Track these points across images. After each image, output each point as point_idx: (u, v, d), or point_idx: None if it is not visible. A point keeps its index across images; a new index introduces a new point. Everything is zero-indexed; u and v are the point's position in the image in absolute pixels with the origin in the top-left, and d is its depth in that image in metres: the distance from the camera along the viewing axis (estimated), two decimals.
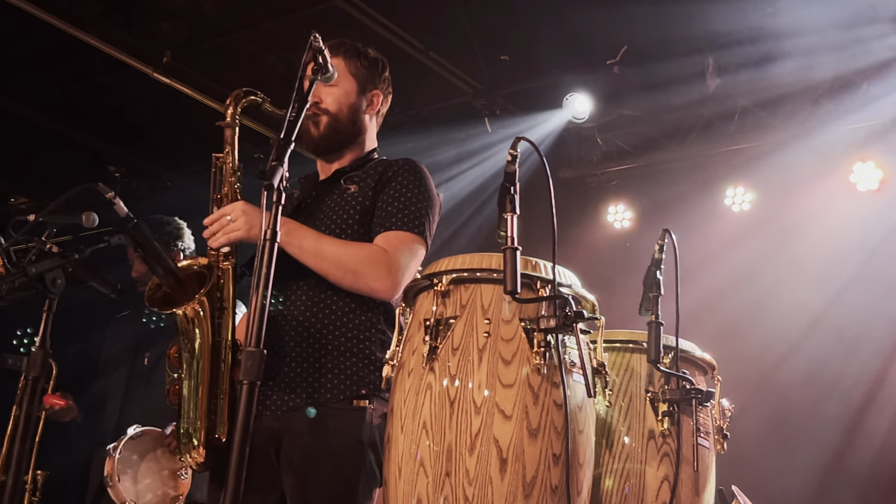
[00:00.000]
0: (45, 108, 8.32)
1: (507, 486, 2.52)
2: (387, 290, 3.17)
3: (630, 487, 3.10)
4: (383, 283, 3.16)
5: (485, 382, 2.58)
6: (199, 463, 3.13)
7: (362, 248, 3.22)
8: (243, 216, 3.11)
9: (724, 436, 3.35)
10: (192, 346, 3.10)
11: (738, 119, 7.90)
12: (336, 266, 3.17)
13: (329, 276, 3.19)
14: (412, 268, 3.24)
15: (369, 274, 3.16)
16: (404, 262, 3.21)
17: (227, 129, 3.27)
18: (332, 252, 3.18)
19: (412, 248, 3.25)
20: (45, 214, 3.33)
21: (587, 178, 8.93)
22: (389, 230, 3.25)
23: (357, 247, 3.22)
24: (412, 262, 3.24)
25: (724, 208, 8.12)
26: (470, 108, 8.26)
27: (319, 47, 3.01)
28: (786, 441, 7.25)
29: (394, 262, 3.18)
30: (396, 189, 3.32)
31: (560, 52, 7.51)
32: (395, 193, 3.31)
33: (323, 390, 3.16)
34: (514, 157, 2.66)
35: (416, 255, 3.26)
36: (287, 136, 2.78)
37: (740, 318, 7.58)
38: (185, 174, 9.04)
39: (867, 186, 7.50)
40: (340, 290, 3.24)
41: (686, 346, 3.28)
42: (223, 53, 7.63)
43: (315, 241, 3.18)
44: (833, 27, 6.61)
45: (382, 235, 3.25)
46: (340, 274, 3.18)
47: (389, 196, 3.31)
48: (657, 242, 3.21)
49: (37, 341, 3.13)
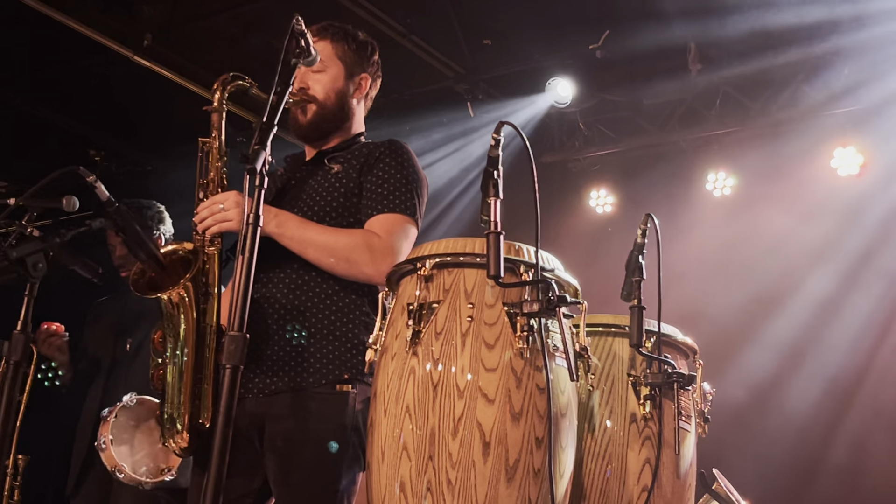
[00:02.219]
0: (25, 92, 8.26)
1: (489, 470, 2.53)
2: (381, 274, 3.15)
3: (612, 470, 3.12)
4: (378, 268, 3.14)
5: (468, 366, 2.58)
6: (183, 448, 3.11)
7: (355, 235, 3.21)
8: (236, 207, 3.09)
9: (705, 419, 3.37)
10: (177, 331, 3.08)
11: (720, 104, 7.93)
12: (330, 254, 3.16)
13: (323, 265, 3.18)
14: (405, 250, 3.23)
15: (362, 260, 3.16)
16: (398, 246, 3.20)
17: (213, 113, 3.25)
18: (325, 241, 3.17)
19: (405, 230, 3.25)
20: (25, 198, 3.31)
21: (569, 163, 8.94)
22: (381, 213, 3.24)
23: (350, 234, 3.22)
24: (405, 244, 3.24)
25: (706, 193, 8.16)
26: (452, 93, 8.25)
27: (301, 31, 2.99)
28: (764, 426, 7.29)
29: (388, 246, 3.18)
30: (384, 171, 3.31)
31: (543, 37, 7.51)
32: (384, 175, 3.30)
33: (305, 374, 3.16)
34: (498, 142, 2.65)
35: (408, 237, 3.26)
36: (269, 120, 2.77)
37: (721, 303, 7.62)
38: (165, 158, 9.01)
39: (848, 171, 7.54)
40: (323, 272, 3.23)
41: (668, 330, 3.30)
42: (205, 36, 7.59)
43: (306, 230, 3.18)
44: (812, 11, 6.63)
45: (374, 219, 3.24)
46: (335, 262, 3.17)
47: (377, 178, 3.30)
48: (639, 227, 3.21)
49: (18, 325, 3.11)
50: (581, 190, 8.89)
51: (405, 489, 2.57)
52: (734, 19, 6.79)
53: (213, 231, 3.13)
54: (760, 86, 7.70)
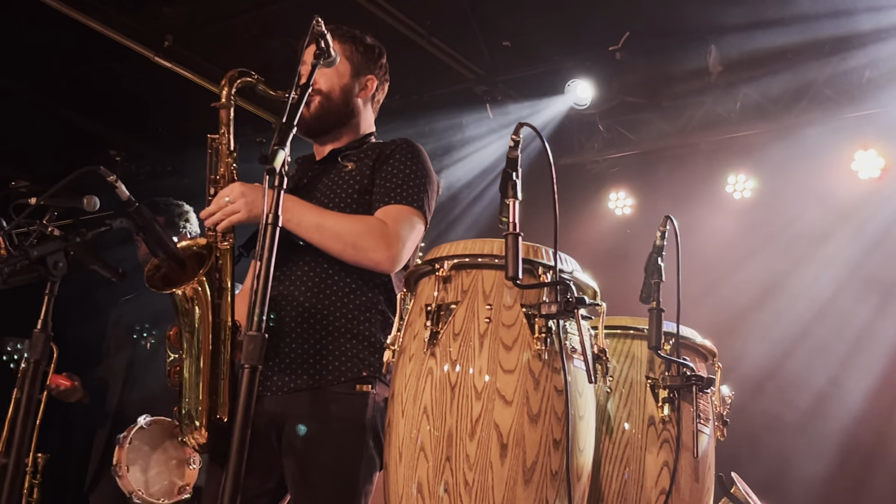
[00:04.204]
0: (47, 92, 8.31)
1: (507, 471, 2.52)
2: (387, 261, 3.15)
3: (630, 473, 3.11)
4: (383, 254, 3.14)
5: (486, 368, 2.58)
6: (201, 444, 3.13)
7: (361, 221, 3.21)
8: (242, 198, 3.11)
9: (724, 422, 3.36)
10: (193, 327, 3.09)
11: (740, 107, 7.90)
12: (335, 239, 3.15)
13: (329, 250, 3.18)
14: (412, 241, 3.23)
15: (369, 246, 3.15)
16: (404, 234, 3.20)
17: (222, 109, 3.27)
18: (332, 226, 3.17)
19: (412, 221, 3.24)
20: (46, 198, 3.33)
21: (588, 165, 8.92)
22: (388, 204, 3.24)
23: (356, 219, 3.22)
24: (412, 234, 3.23)
25: (726, 195, 8.12)
26: (471, 94, 8.25)
27: (322, 32, 3.00)
28: (788, 429, 7.25)
29: (393, 233, 3.17)
30: (395, 166, 3.32)
31: (562, 38, 7.50)
32: (394, 170, 3.31)
33: (325, 371, 3.16)
34: (517, 143, 2.66)
35: (415, 229, 3.25)
36: (289, 121, 2.77)
37: (741, 306, 7.59)
38: (185, 159, 9.03)
39: (869, 174, 7.50)
40: (341, 270, 3.24)
41: (687, 333, 3.28)
42: (225, 38, 7.61)
43: (314, 215, 3.18)
44: (834, 14, 6.60)
45: (382, 209, 3.24)
46: (340, 247, 3.16)
47: (388, 173, 3.30)
48: (659, 229, 3.21)
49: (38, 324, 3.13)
50: (600, 192, 8.87)
51: (422, 490, 2.58)
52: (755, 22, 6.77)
53: (224, 226, 3.14)
54: (781, 87, 7.65)
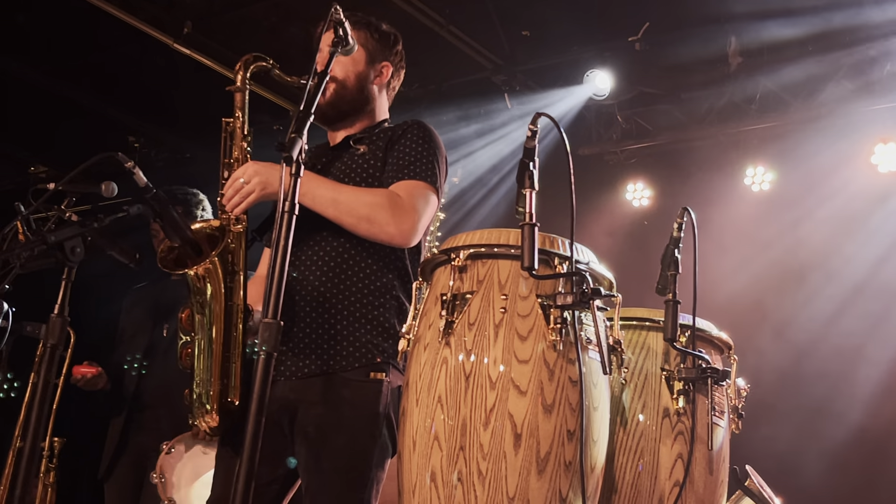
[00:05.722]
0: (66, 78, 8.32)
1: (520, 461, 2.53)
2: (402, 234, 3.15)
3: (644, 465, 3.11)
4: (399, 227, 3.14)
5: (500, 358, 2.58)
6: (213, 427, 3.13)
7: (376, 194, 3.20)
8: (256, 176, 3.11)
9: (739, 415, 3.35)
10: (205, 309, 3.10)
11: (760, 98, 7.85)
12: (350, 213, 3.15)
13: (344, 224, 3.17)
14: (427, 215, 3.23)
15: (384, 220, 3.14)
16: (420, 208, 3.19)
17: (237, 93, 3.28)
18: (346, 199, 3.16)
19: (426, 196, 3.24)
20: (64, 183, 3.34)
21: (606, 156, 8.89)
22: (402, 180, 3.24)
23: (371, 193, 3.21)
24: (426, 208, 3.23)
25: (744, 188, 8.08)
26: (490, 84, 8.23)
27: (340, 19, 3.00)
28: (808, 422, 7.22)
29: (408, 206, 3.17)
30: (406, 145, 3.32)
31: (581, 29, 7.47)
32: (406, 149, 3.31)
33: (339, 357, 3.16)
34: (534, 133, 2.65)
35: (429, 203, 3.25)
36: (307, 109, 2.78)
37: (758, 299, 7.57)
38: (203, 146, 9.05)
39: (889, 168, 7.45)
40: (356, 255, 3.24)
41: (703, 325, 3.28)
42: (244, 25, 7.60)
43: (329, 190, 3.17)
44: (855, 5, 6.56)
45: (395, 185, 3.24)
46: (355, 221, 3.16)
47: (400, 152, 3.30)
48: (676, 221, 3.19)
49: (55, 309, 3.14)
50: (617, 183, 8.84)
51: (436, 479, 2.58)
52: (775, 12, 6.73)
53: (242, 208, 3.14)
54: (801, 80, 7.60)
